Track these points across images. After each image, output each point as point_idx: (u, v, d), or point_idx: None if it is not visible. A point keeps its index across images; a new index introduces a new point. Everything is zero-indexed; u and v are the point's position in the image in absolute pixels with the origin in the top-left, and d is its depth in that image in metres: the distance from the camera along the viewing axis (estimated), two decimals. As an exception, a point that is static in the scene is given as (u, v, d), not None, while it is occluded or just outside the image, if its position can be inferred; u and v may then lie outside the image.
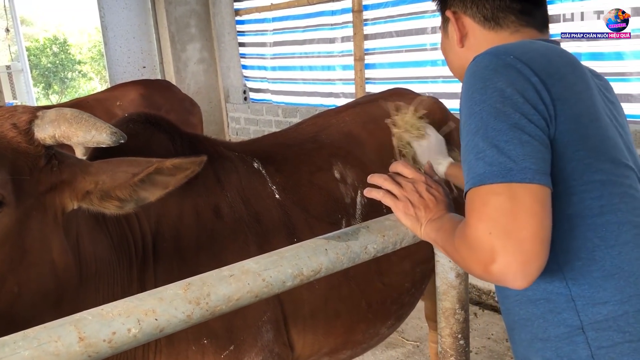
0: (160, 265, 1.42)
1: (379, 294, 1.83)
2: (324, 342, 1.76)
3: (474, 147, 0.91)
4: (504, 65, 0.95)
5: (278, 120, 5.71)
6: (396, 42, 4.54)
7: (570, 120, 0.94)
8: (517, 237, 0.83)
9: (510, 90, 0.91)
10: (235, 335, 1.48)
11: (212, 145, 1.71)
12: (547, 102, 0.93)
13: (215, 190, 1.57)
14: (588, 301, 0.95)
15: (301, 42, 5.52)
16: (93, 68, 17.18)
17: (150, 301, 0.85)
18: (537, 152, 0.88)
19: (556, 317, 0.98)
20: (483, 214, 0.87)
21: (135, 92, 3.84)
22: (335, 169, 1.84)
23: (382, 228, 1.17)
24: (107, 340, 0.80)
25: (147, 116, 1.60)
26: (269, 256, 1.00)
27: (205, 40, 6.28)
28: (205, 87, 6.35)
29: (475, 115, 0.93)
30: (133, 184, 1.14)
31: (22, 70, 10.23)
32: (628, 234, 0.96)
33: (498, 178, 0.86)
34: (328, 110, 2.16)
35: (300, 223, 1.68)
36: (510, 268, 0.83)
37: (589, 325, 0.95)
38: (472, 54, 1.15)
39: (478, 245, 0.87)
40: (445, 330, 1.37)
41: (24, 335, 0.75)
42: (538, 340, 1.01)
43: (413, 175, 1.21)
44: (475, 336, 3.28)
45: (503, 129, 0.89)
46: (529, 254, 0.83)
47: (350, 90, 5.09)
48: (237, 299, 0.92)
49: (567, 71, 0.99)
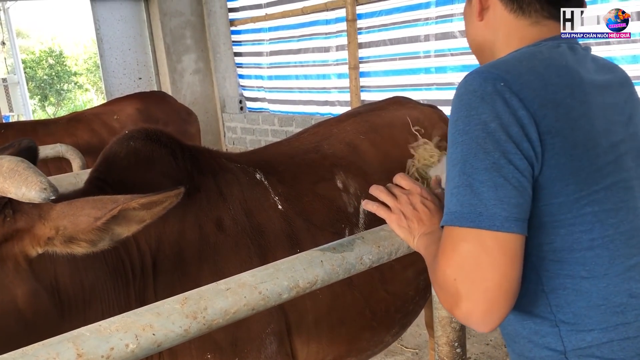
0: (161, 282, 1.42)
1: (383, 303, 1.83)
2: (328, 350, 1.76)
3: (452, 180, 0.92)
4: (491, 92, 0.90)
5: (274, 130, 5.73)
6: (390, 50, 4.57)
7: (561, 154, 0.90)
8: (480, 286, 0.85)
9: (494, 125, 0.88)
10: (239, 348, 1.47)
11: (214, 157, 1.70)
12: (533, 138, 0.88)
13: (217, 203, 1.56)
14: (572, 328, 0.95)
15: (296, 51, 5.55)
16: (89, 79, 17.21)
17: (147, 316, 0.85)
18: (510, 197, 0.86)
19: (540, 340, 0.98)
20: (451, 259, 0.88)
21: (132, 106, 3.87)
22: (338, 179, 1.83)
23: (377, 239, 1.18)
24: (105, 356, 0.80)
25: (147, 132, 1.59)
26: (265, 269, 1.01)
27: (200, 51, 6.31)
28: (201, 97, 6.38)
29: (457, 145, 0.92)
30: (97, 227, 1.09)
31: (19, 82, 10.25)
32: (620, 266, 0.94)
33: (468, 222, 0.87)
34: (329, 120, 2.16)
35: (303, 234, 1.68)
36: (472, 314, 0.86)
37: (572, 352, 0.95)
38: (488, 32, 1.12)
39: (445, 287, 0.89)
40: (442, 338, 1.38)
41: (22, 352, 0.75)
42: (524, 358, 1.02)
43: (409, 187, 1.22)
44: (474, 342, 3.28)
45: (479, 168, 0.87)
46: (490, 303, 0.84)
47: (345, 98, 5.12)
48: (234, 312, 0.92)
49: (564, 96, 0.94)
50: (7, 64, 12.43)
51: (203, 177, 1.59)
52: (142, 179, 1.48)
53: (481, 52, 1.18)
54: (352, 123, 2.04)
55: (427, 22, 4.20)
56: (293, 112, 5.72)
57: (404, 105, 2.24)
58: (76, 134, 3.56)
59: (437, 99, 4.20)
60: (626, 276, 0.94)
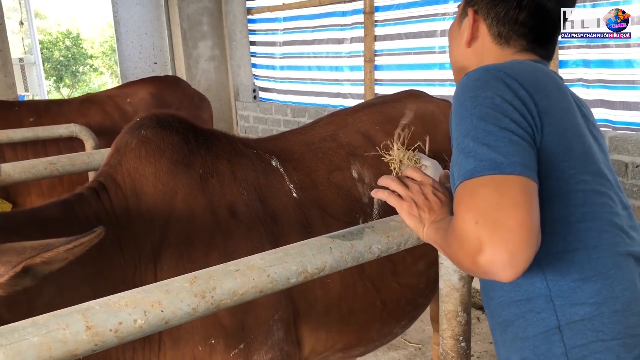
0: (165, 271, 1.42)
1: (394, 294, 1.84)
2: (337, 339, 1.77)
3: (464, 148, 0.93)
4: (493, 78, 0.99)
5: (287, 120, 5.73)
6: (405, 44, 4.55)
7: (556, 133, 0.98)
8: (505, 226, 0.83)
9: (499, 99, 0.95)
10: (246, 334, 1.48)
11: (230, 142, 1.70)
12: (534, 114, 0.96)
13: (231, 189, 1.57)
14: (566, 302, 0.98)
15: (310, 42, 5.54)
16: (104, 63, 17.27)
17: (156, 293, 0.86)
18: (526, 151, 0.91)
19: (535, 317, 1.00)
20: (470, 204, 0.87)
21: (145, 91, 3.87)
22: (353, 168, 1.83)
23: (387, 229, 1.18)
24: (113, 330, 0.81)
25: (158, 119, 1.59)
26: (274, 252, 1.01)
27: (216, 38, 6.32)
28: (215, 84, 6.38)
29: (465, 119, 0.96)
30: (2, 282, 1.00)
31: (35, 63, 10.32)
32: (608, 241, 0.99)
33: (487, 171, 0.88)
34: (344, 109, 2.16)
35: (317, 222, 1.68)
36: (498, 258, 0.83)
37: (565, 325, 0.98)
38: (474, 58, 1.22)
39: (465, 236, 0.87)
40: (447, 332, 1.38)
41: (33, 322, 0.76)
42: (518, 340, 1.04)
43: (421, 179, 1.23)
44: (478, 340, 3.28)
45: (493, 131, 0.91)
46: (516, 243, 0.82)
47: (358, 91, 5.10)
48: (242, 293, 0.93)
49: (552, 89, 1.03)
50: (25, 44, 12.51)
51: (217, 161, 1.59)
52: (152, 168, 1.49)
53: (461, 72, 1.27)
54: (368, 114, 2.04)
55: (444, 17, 4.17)
56: (305, 103, 5.72)
57: (419, 98, 2.23)
58: (89, 114, 3.58)
59: (451, 95, 4.18)
60: (613, 251, 0.99)
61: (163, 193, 1.47)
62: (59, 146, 3.27)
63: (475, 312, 3.57)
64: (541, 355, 1.00)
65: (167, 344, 1.43)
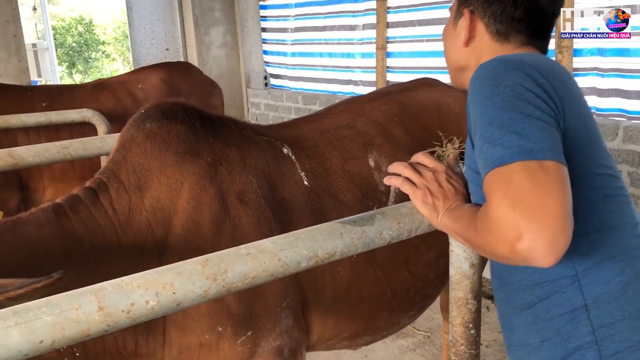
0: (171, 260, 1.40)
1: (404, 283, 1.82)
2: (345, 327, 1.76)
3: (489, 137, 0.92)
4: (512, 67, 0.99)
5: (297, 107, 5.72)
6: (418, 31, 4.51)
7: (576, 118, 1.00)
8: (543, 212, 0.82)
9: (521, 88, 0.94)
10: (254, 321, 1.48)
11: (240, 128, 1.69)
12: (556, 100, 0.97)
13: (240, 176, 1.56)
14: (592, 280, 0.99)
15: (321, 28, 5.51)
16: (116, 49, 17.31)
17: (168, 275, 0.87)
18: (553, 136, 0.90)
19: (560, 297, 1.01)
20: (506, 191, 0.86)
21: (156, 76, 3.88)
22: (370, 157, 1.82)
23: (398, 215, 1.18)
24: (125, 310, 0.82)
25: (163, 110, 1.58)
26: (285, 237, 1.02)
27: (228, 24, 6.30)
28: (227, 71, 6.37)
29: (488, 108, 0.95)
30: None
31: (48, 48, 10.37)
32: (628, 223, 1.03)
33: (518, 157, 0.87)
34: (360, 97, 2.13)
35: (329, 210, 1.67)
36: (539, 245, 0.82)
37: (592, 304, 0.99)
38: (472, 57, 1.23)
39: (502, 224, 0.85)
40: (456, 319, 1.38)
41: (47, 301, 0.77)
42: (540, 321, 1.04)
43: (434, 165, 1.22)
44: (487, 329, 3.28)
45: (519, 119, 0.90)
46: (555, 229, 0.82)
47: (369, 78, 5.07)
48: (253, 276, 0.93)
49: (565, 78, 1.05)
50: (38, 29, 12.56)
51: (226, 148, 1.58)
52: (158, 162, 1.49)
53: (460, 72, 1.30)
54: (386, 102, 2.01)
55: (458, 4, 4.14)
56: (315, 90, 5.70)
57: (433, 87, 2.21)
58: (100, 100, 3.60)
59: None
60: (633, 231, 1.03)
61: (168, 185, 1.47)
62: (71, 131, 3.29)
63: (484, 301, 3.57)
64: (566, 334, 1.00)
65: (172, 334, 1.44)
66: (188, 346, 1.44)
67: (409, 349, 3.16)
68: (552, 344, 1.02)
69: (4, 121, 2.67)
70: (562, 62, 3.45)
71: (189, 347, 1.45)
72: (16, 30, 4.73)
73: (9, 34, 4.68)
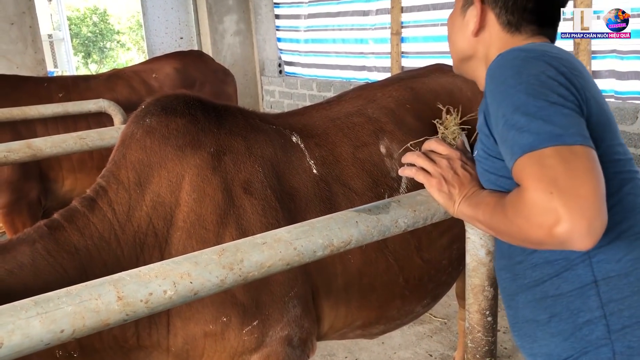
0: (174, 254, 1.42)
1: (417, 271, 1.80)
2: (357, 316, 1.75)
3: (515, 124, 0.91)
4: (533, 57, 0.99)
5: (312, 94, 5.70)
6: (433, 15, 4.47)
7: (596, 106, 1.00)
8: (579, 195, 0.82)
9: (544, 76, 0.94)
10: (260, 311, 1.47)
11: (246, 117, 1.68)
12: (578, 87, 0.96)
13: (246, 165, 1.55)
14: (602, 258, 1.00)
15: (335, 14, 5.47)
16: (131, 38, 17.37)
17: (185, 265, 0.87)
18: (580, 122, 0.91)
19: (570, 274, 1.02)
20: (542, 176, 0.85)
21: (170, 66, 3.90)
22: (382, 144, 1.80)
23: (413, 203, 1.17)
24: (143, 300, 0.83)
25: (162, 104, 1.57)
26: (300, 226, 1.02)
27: (242, 12, 6.28)
28: (241, 59, 6.37)
29: (511, 96, 0.94)
30: None
31: (63, 39, 10.44)
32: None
33: (548, 142, 0.86)
34: (372, 84, 2.10)
35: (340, 198, 1.66)
36: (578, 228, 0.82)
37: (602, 280, 1.00)
38: (481, 47, 1.21)
39: (539, 208, 0.85)
40: (473, 306, 1.38)
41: (67, 291, 0.79)
42: (549, 298, 1.05)
43: (448, 152, 1.21)
44: (504, 315, 3.27)
45: (544, 106, 0.90)
46: (593, 211, 0.82)
47: (383, 63, 5.04)
48: (269, 265, 0.94)
49: (581, 68, 1.04)
50: (53, 20, 12.63)
51: (231, 138, 1.57)
52: (157, 157, 1.49)
53: (467, 62, 1.27)
54: (397, 89, 1.98)
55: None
56: (330, 77, 5.68)
57: (445, 73, 2.18)
58: (116, 89, 3.62)
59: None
60: None
61: (168, 179, 1.47)
62: (87, 121, 3.32)
63: (501, 287, 3.56)
64: (575, 309, 1.02)
65: (177, 325, 1.44)
66: (193, 336, 1.44)
67: (425, 336, 3.17)
68: (561, 318, 1.04)
69: (22, 112, 2.71)
70: (581, 45, 3.39)
71: (194, 338, 1.44)
72: (32, 22, 4.76)
73: (25, 26, 4.72)
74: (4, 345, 0.71)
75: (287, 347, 1.53)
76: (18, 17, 4.68)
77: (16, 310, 0.74)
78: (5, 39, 4.63)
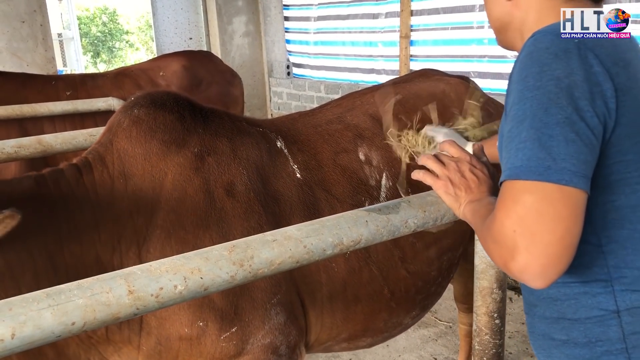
0: (152, 252, 1.42)
1: (402, 282, 1.78)
2: (342, 328, 1.73)
3: (517, 136, 0.89)
4: (565, 50, 0.89)
5: (320, 96, 5.71)
6: (442, 19, 4.46)
7: (631, 112, 0.90)
8: (542, 239, 0.82)
9: (568, 81, 0.86)
10: (239, 317, 1.45)
11: (232, 120, 1.67)
12: (609, 95, 0.88)
13: (230, 167, 1.54)
14: (628, 287, 0.94)
15: (344, 16, 5.47)
16: (140, 38, 17.45)
17: (196, 260, 0.88)
18: (580, 153, 0.85)
19: (590, 300, 0.97)
20: (511, 210, 0.85)
21: (178, 63, 3.90)
22: (360, 151, 1.79)
23: (423, 203, 1.17)
24: (154, 295, 0.83)
25: (152, 98, 1.58)
26: (311, 224, 1.02)
27: (251, 13, 6.30)
28: (249, 60, 6.38)
29: (525, 101, 0.89)
30: None
31: (73, 38, 10.50)
32: None
33: (534, 175, 0.84)
34: (354, 92, 2.11)
35: (321, 203, 1.65)
36: (530, 269, 0.83)
37: (625, 311, 0.94)
38: (518, 12, 1.09)
39: (502, 240, 0.86)
40: (481, 308, 1.38)
41: (78, 284, 0.79)
42: (566, 320, 1.01)
43: (458, 155, 1.20)
44: (510, 320, 3.26)
45: (550, 123, 0.85)
46: (550, 257, 0.82)
47: (392, 67, 5.04)
48: (279, 263, 0.94)
49: (631, 57, 0.95)
50: (63, 19, 12.70)
51: (216, 139, 1.57)
52: (142, 149, 1.49)
53: (505, 31, 1.15)
54: (377, 96, 1.97)
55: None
56: (338, 79, 5.68)
57: (429, 77, 2.17)
58: (123, 88, 3.63)
59: (489, 71, 4.10)
60: None
61: (151, 174, 1.46)
62: (95, 119, 3.33)
63: (508, 293, 3.54)
64: (593, 337, 0.97)
65: (151, 323, 1.42)
66: (167, 338, 1.42)
67: (430, 339, 3.16)
68: (578, 344, 1.00)
69: (32, 109, 2.73)
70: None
71: (168, 339, 1.42)
72: (43, 20, 4.79)
73: (36, 24, 4.75)
74: (15, 336, 0.71)
75: (272, 355, 1.51)
76: (29, 15, 4.70)
77: (28, 302, 0.75)
78: (16, 36, 4.66)
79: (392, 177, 1.78)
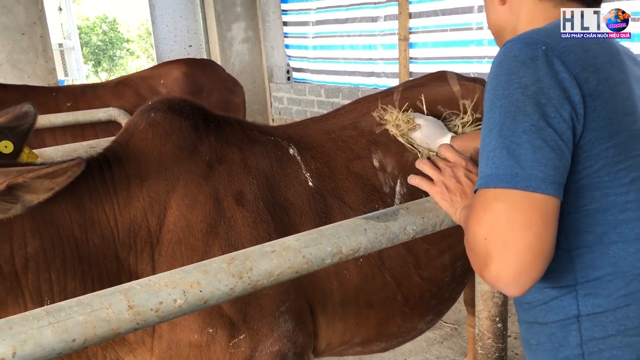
0: (163, 255, 1.43)
1: (417, 288, 1.78)
2: (355, 333, 1.73)
3: (488, 144, 0.90)
4: (532, 57, 0.90)
5: (320, 101, 5.71)
6: (441, 21, 4.47)
7: (601, 117, 0.90)
8: (512, 247, 0.82)
9: (535, 88, 0.88)
10: (248, 325, 1.46)
11: (245, 129, 1.68)
12: (576, 101, 0.89)
13: (240, 177, 1.55)
14: (590, 292, 0.95)
15: (343, 20, 5.49)
16: (140, 46, 17.50)
17: (195, 274, 0.88)
18: (549, 159, 0.85)
19: (557, 304, 0.98)
20: (482, 219, 0.86)
21: (179, 70, 3.90)
22: (375, 157, 1.79)
23: (421, 210, 1.17)
24: (154, 309, 0.83)
25: (169, 103, 1.60)
26: (309, 234, 1.02)
27: (250, 19, 6.31)
28: (249, 66, 6.40)
29: (495, 110, 0.91)
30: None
31: (74, 48, 10.54)
32: None
33: (502, 183, 0.85)
34: (367, 97, 2.10)
35: (334, 212, 1.65)
36: (502, 276, 0.84)
37: (585, 316, 0.95)
38: (510, 16, 1.13)
39: (475, 248, 0.87)
40: (483, 313, 1.38)
41: (78, 301, 0.79)
42: (537, 324, 1.02)
43: (455, 159, 1.20)
44: (514, 321, 3.25)
45: (518, 131, 0.86)
46: (522, 265, 0.82)
47: (391, 69, 5.04)
48: (278, 274, 0.94)
49: (603, 62, 0.95)
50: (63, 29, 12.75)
51: (227, 148, 1.58)
52: (157, 152, 1.50)
53: (502, 36, 1.19)
54: (392, 101, 1.96)
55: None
56: (338, 83, 5.69)
57: (445, 81, 2.16)
58: (124, 97, 3.64)
59: (488, 72, 4.10)
60: None
61: (165, 178, 1.48)
62: (95, 130, 3.34)
63: (512, 293, 3.53)
64: (556, 342, 0.98)
65: (163, 327, 1.43)
66: (178, 343, 1.43)
67: (436, 341, 3.15)
68: (545, 349, 1.01)
69: (34, 122, 2.73)
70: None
71: (179, 344, 1.43)
72: (43, 32, 4.82)
73: (36, 35, 4.77)
74: (16, 355, 0.72)
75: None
76: (29, 27, 4.73)
77: (28, 320, 0.75)
78: (16, 48, 4.68)
79: (407, 184, 1.79)
